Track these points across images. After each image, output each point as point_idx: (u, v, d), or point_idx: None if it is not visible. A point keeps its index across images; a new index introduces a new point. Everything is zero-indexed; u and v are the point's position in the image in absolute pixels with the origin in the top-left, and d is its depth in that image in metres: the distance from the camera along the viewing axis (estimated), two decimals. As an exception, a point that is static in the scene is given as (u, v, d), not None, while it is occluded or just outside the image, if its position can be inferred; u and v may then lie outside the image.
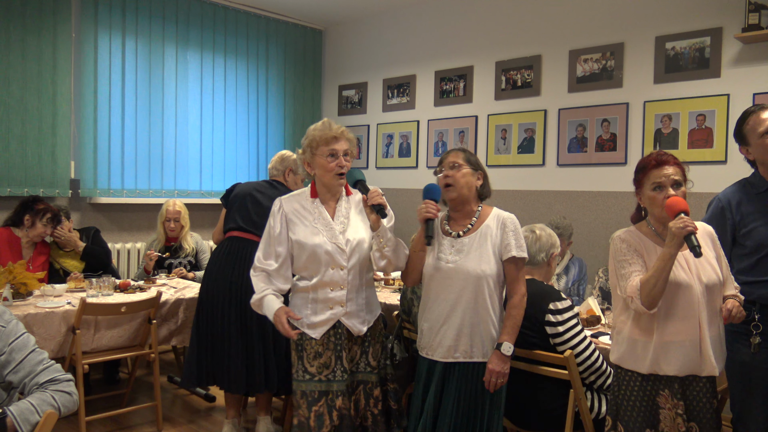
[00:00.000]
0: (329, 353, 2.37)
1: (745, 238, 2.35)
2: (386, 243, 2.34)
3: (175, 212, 4.55)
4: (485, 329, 2.33)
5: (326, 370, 2.36)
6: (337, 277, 2.36)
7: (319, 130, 2.41)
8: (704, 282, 2.07)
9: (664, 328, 2.06)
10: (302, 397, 2.35)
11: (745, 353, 2.32)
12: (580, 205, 4.63)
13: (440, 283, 2.36)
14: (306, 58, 6.40)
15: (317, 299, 2.39)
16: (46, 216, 3.94)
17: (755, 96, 3.84)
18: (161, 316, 3.69)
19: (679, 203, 2.01)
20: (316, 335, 2.38)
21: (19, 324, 1.94)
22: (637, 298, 2.03)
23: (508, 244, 2.34)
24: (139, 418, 3.78)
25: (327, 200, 2.45)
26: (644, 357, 2.09)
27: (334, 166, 2.37)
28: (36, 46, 4.63)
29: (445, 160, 2.44)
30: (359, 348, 2.44)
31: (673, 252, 1.97)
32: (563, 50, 4.73)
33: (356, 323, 2.41)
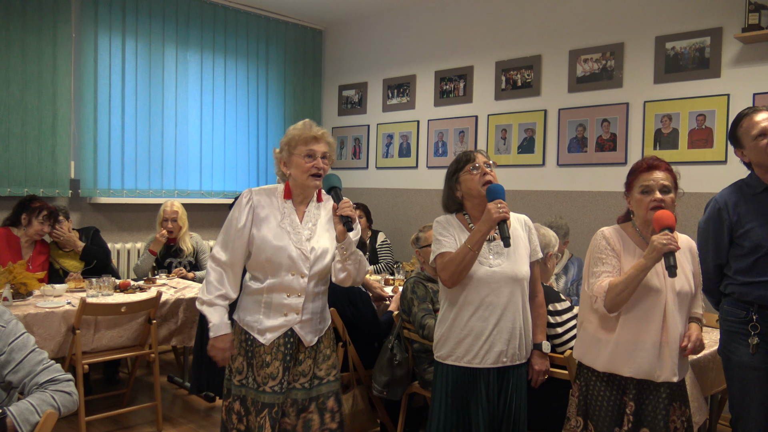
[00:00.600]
0: (277, 363, 2.24)
1: (743, 238, 2.35)
2: (349, 256, 2.22)
3: (173, 212, 4.53)
4: (528, 330, 2.33)
5: (272, 381, 2.23)
6: (296, 284, 2.25)
7: (299, 129, 2.31)
8: (676, 290, 2.08)
9: (628, 329, 2.08)
10: (252, 405, 2.24)
11: (744, 354, 2.32)
12: (580, 205, 4.63)
13: (486, 287, 2.25)
14: (306, 58, 6.40)
15: (271, 303, 2.26)
16: (42, 213, 3.93)
17: (755, 96, 3.84)
18: (161, 316, 3.69)
19: (667, 218, 2.02)
20: (266, 341, 2.25)
21: (18, 324, 1.94)
22: (601, 300, 2.06)
23: (536, 246, 2.39)
24: (139, 418, 3.78)
25: (298, 203, 2.34)
26: (602, 355, 2.12)
27: (311, 167, 2.26)
28: (36, 46, 4.63)
29: (476, 159, 2.30)
30: (311, 360, 2.31)
31: (649, 264, 1.99)
32: (563, 50, 4.73)
33: (309, 333, 2.30)
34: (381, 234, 5.28)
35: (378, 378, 3.18)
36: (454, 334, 2.30)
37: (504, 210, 2.12)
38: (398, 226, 5.77)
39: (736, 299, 2.38)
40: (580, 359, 2.21)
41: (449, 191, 2.38)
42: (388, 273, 4.83)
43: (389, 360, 3.13)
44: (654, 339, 2.06)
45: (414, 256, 3.50)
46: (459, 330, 2.29)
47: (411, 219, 5.65)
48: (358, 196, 5.93)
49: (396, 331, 3.20)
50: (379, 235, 5.26)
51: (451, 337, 2.30)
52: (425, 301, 3.03)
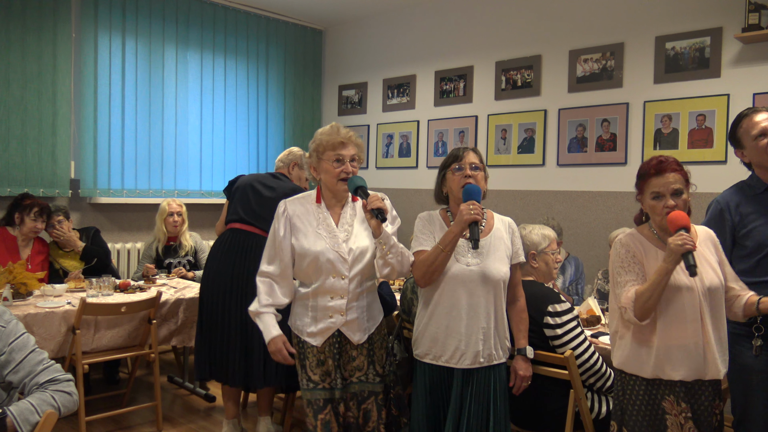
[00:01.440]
0: (330, 361, 2.34)
1: (745, 239, 2.35)
2: (389, 250, 2.23)
3: (178, 206, 4.58)
4: (503, 331, 2.34)
5: (329, 378, 2.34)
6: (338, 286, 2.31)
7: (326, 135, 2.37)
8: (706, 285, 2.07)
9: (668, 332, 2.05)
10: (308, 406, 2.33)
11: (747, 356, 2.31)
12: (580, 205, 4.63)
13: (461, 286, 2.26)
14: (306, 58, 6.40)
15: (317, 307, 2.35)
16: (34, 210, 3.92)
17: (755, 96, 3.84)
18: (161, 316, 3.69)
19: (680, 218, 2.00)
20: (317, 343, 2.34)
21: (18, 324, 1.94)
22: (631, 310, 2.04)
23: (518, 249, 2.40)
24: (139, 418, 3.78)
25: (332, 206, 2.40)
26: (647, 361, 2.08)
27: (339, 171, 2.32)
28: (36, 46, 4.63)
29: (463, 159, 2.33)
30: (365, 358, 2.40)
31: (670, 268, 1.98)
32: (563, 50, 4.73)
33: (355, 332, 2.36)
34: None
35: (378, 378, 3.18)
36: (430, 332, 2.32)
37: (475, 211, 2.15)
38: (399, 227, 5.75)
39: None
40: (622, 368, 2.16)
41: (438, 185, 2.46)
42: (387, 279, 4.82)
43: (389, 360, 3.13)
44: (696, 339, 2.04)
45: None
46: (434, 328, 2.31)
47: (411, 219, 5.60)
48: (358, 196, 5.92)
49: (396, 331, 3.20)
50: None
51: (427, 336, 2.33)
52: (425, 301, 3.03)
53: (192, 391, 4.25)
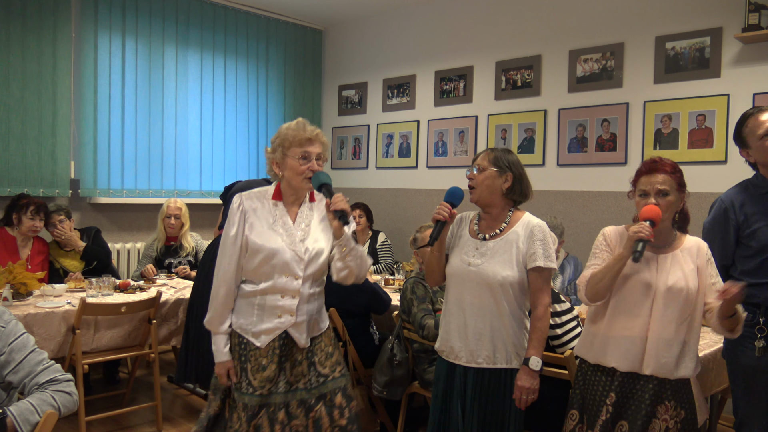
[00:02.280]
0: (273, 366, 2.21)
1: (749, 238, 2.34)
2: (349, 252, 2.18)
3: (176, 208, 4.56)
4: (508, 336, 2.25)
5: (269, 384, 2.20)
6: (290, 286, 2.21)
7: (293, 130, 2.24)
8: (668, 285, 2.07)
9: (614, 322, 2.13)
10: (243, 410, 2.19)
11: (750, 357, 2.30)
12: (580, 205, 4.63)
13: (462, 285, 2.29)
14: (306, 58, 6.40)
15: (264, 305, 2.22)
16: (30, 209, 3.91)
17: (755, 96, 3.84)
18: (161, 316, 3.69)
19: (650, 212, 2.05)
20: (261, 344, 2.21)
21: (18, 324, 1.94)
22: (583, 289, 2.14)
23: (534, 253, 2.24)
24: (139, 418, 3.78)
25: (290, 203, 2.30)
26: (593, 347, 2.17)
27: (306, 169, 2.21)
28: (36, 46, 4.63)
29: (474, 161, 2.35)
30: (307, 361, 2.28)
31: (624, 254, 2.06)
32: (563, 50, 4.73)
33: (303, 335, 2.25)
34: (381, 234, 5.29)
35: (378, 378, 3.18)
36: (443, 327, 2.39)
37: (437, 211, 2.22)
38: (398, 226, 5.77)
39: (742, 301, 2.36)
40: (576, 351, 2.27)
41: None
42: (388, 273, 4.83)
43: (389, 360, 3.13)
44: (640, 333, 2.08)
45: (414, 257, 3.50)
46: (444, 325, 2.38)
47: (411, 219, 5.65)
48: (358, 196, 5.92)
49: (396, 331, 3.20)
50: (380, 235, 5.26)
51: (441, 331, 2.40)
52: (425, 301, 3.03)
53: (192, 391, 4.25)
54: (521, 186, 2.33)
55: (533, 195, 2.41)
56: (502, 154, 2.32)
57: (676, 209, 2.14)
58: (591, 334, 2.20)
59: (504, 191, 2.29)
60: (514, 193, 2.32)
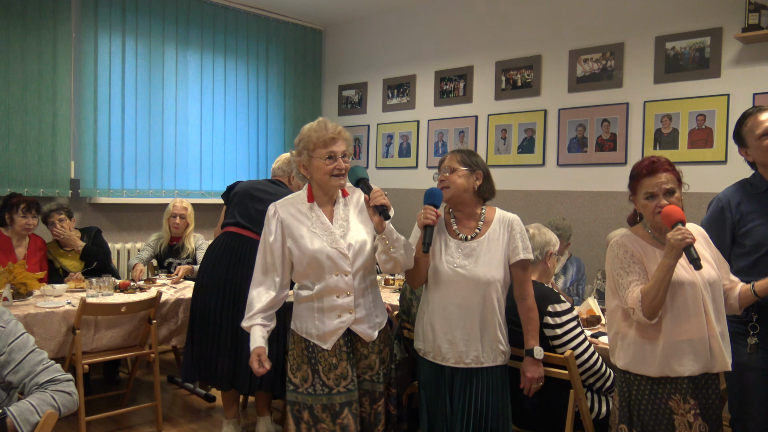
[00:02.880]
0: (344, 363, 2.26)
1: (745, 237, 2.35)
2: (393, 244, 2.21)
3: (182, 208, 4.55)
4: (494, 334, 2.31)
5: (344, 381, 2.25)
6: (342, 283, 2.24)
7: (315, 131, 2.25)
8: (706, 278, 2.07)
9: (673, 329, 2.04)
10: (324, 411, 2.23)
11: (743, 354, 2.32)
12: (580, 205, 4.63)
13: (449, 287, 2.30)
14: (306, 58, 6.40)
15: (323, 308, 2.27)
16: (21, 207, 3.91)
17: (755, 96, 3.84)
18: (161, 316, 3.69)
19: (676, 213, 2.00)
20: (327, 346, 2.26)
21: (18, 324, 1.94)
22: (639, 310, 2.02)
23: (516, 247, 2.32)
24: (139, 418, 3.78)
25: (324, 203, 2.32)
26: (653, 360, 2.06)
27: (332, 168, 2.23)
28: (36, 46, 4.63)
29: (442, 164, 2.42)
30: (376, 356, 2.33)
31: (672, 263, 1.98)
32: (563, 50, 4.73)
33: (366, 329, 2.30)
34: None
35: (378, 378, 3.18)
36: (420, 328, 2.41)
37: (425, 215, 2.23)
38: (398, 226, 5.72)
39: None
40: (627, 369, 2.14)
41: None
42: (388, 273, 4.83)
43: (389, 360, 3.13)
44: (701, 333, 2.03)
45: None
46: (427, 327, 2.37)
47: (411, 219, 5.60)
48: (358, 196, 5.92)
49: (396, 331, 3.20)
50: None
51: (419, 332, 2.42)
52: (425, 301, 3.03)
53: (192, 391, 4.25)
54: (489, 183, 2.42)
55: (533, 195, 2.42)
56: (468, 155, 2.41)
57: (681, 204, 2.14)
58: (642, 346, 2.08)
59: (476, 189, 2.37)
60: (484, 190, 2.39)
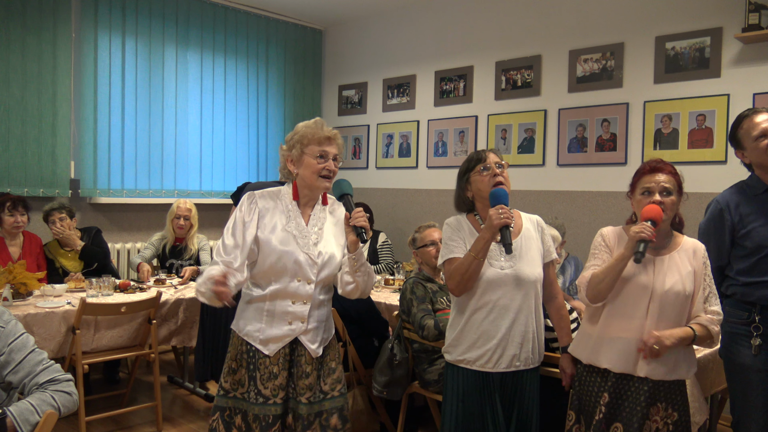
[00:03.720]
0: (284, 373, 2.15)
1: (744, 239, 2.36)
2: (359, 267, 2.13)
3: (186, 209, 4.53)
4: (541, 333, 2.28)
5: (282, 392, 2.14)
6: (302, 291, 2.14)
7: (311, 128, 2.19)
8: (665, 288, 2.07)
9: (609, 323, 2.13)
10: (255, 421, 2.13)
11: (746, 355, 2.32)
12: (580, 205, 4.63)
13: (497, 290, 2.20)
14: (306, 58, 6.40)
15: (274, 311, 2.14)
16: (6, 205, 3.88)
17: (755, 96, 3.84)
18: (161, 316, 3.69)
19: (652, 211, 2.04)
20: (269, 352, 2.14)
21: (18, 324, 1.94)
22: (583, 289, 2.14)
23: (549, 247, 2.33)
24: (139, 418, 3.78)
25: (303, 204, 2.24)
26: (587, 347, 2.18)
27: (322, 168, 2.16)
28: (36, 46, 4.63)
29: (486, 159, 2.25)
30: (316, 372, 2.20)
31: (626, 254, 2.05)
32: (563, 50, 4.73)
33: (315, 342, 2.19)
34: (382, 234, 5.29)
35: (378, 378, 3.18)
36: (466, 337, 2.25)
37: (505, 215, 2.08)
38: (398, 226, 5.77)
39: (737, 300, 2.38)
40: (572, 352, 2.27)
41: (460, 191, 2.35)
42: (388, 273, 4.83)
43: (389, 360, 3.13)
44: (635, 334, 2.07)
45: (413, 257, 3.50)
46: (471, 333, 2.24)
47: (411, 219, 5.65)
48: (359, 196, 5.92)
49: (396, 331, 3.20)
50: (380, 235, 5.26)
51: (463, 341, 2.26)
52: (424, 301, 3.03)
53: (192, 391, 4.25)
54: None
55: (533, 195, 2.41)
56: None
57: (676, 211, 2.15)
58: (586, 334, 2.21)
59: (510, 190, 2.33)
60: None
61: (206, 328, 3.31)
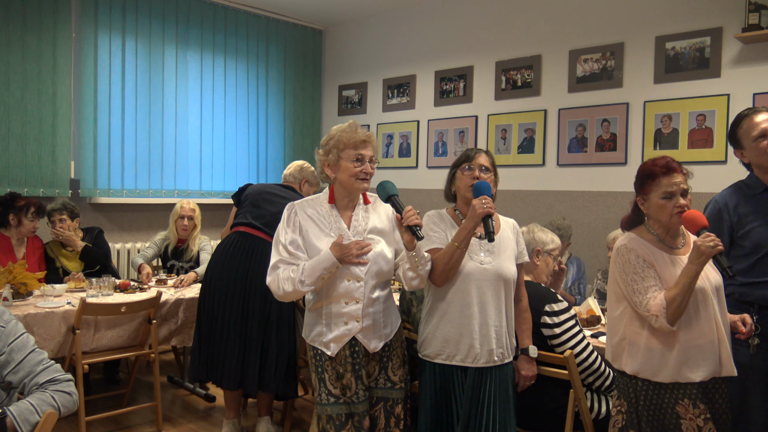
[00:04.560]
0: (349, 374, 2.23)
1: (743, 239, 2.36)
2: (420, 261, 2.18)
3: (190, 210, 4.50)
4: (512, 329, 2.36)
5: (349, 392, 2.22)
6: (353, 290, 2.21)
7: (347, 132, 2.25)
8: (714, 285, 2.08)
9: (686, 335, 2.03)
10: (329, 422, 2.22)
11: (744, 354, 2.32)
12: (580, 205, 4.63)
13: (478, 284, 2.25)
14: (306, 58, 6.40)
15: (331, 314, 2.23)
16: (31, 211, 3.90)
17: (755, 96, 3.84)
18: (161, 316, 3.69)
19: (700, 218, 2.00)
20: (332, 352, 2.23)
21: (18, 324, 1.94)
22: (663, 317, 1.99)
23: (522, 250, 2.41)
24: (139, 418, 3.78)
25: (343, 207, 2.30)
26: (665, 365, 2.04)
27: (359, 171, 2.22)
28: (36, 46, 4.63)
29: (474, 160, 2.34)
30: (377, 363, 2.30)
31: (699, 270, 1.96)
32: (563, 50, 4.73)
33: (372, 340, 2.25)
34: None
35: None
36: (442, 332, 2.29)
37: (488, 205, 2.16)
38: (398, 226, 5.76)
39: (736, 300, 2.38)
40: (637, 374, 2.11)
41: (448, 183, 2.46)
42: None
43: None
44: (712, 338, 2.04)
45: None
46: (447, 328, 2.28)
47: (411, 219, 5.64)
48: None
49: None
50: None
51: (438, 336, 2.29)
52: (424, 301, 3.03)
53: (192, 391, 4.25)
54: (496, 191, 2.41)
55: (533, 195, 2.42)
56: (493, 160, 2.41)
57: None
58: (651, 351, 2.07)
59: (493, 195, 2.34)
60: (494, 198, 2.36)
61: (203, 329, 3.30)
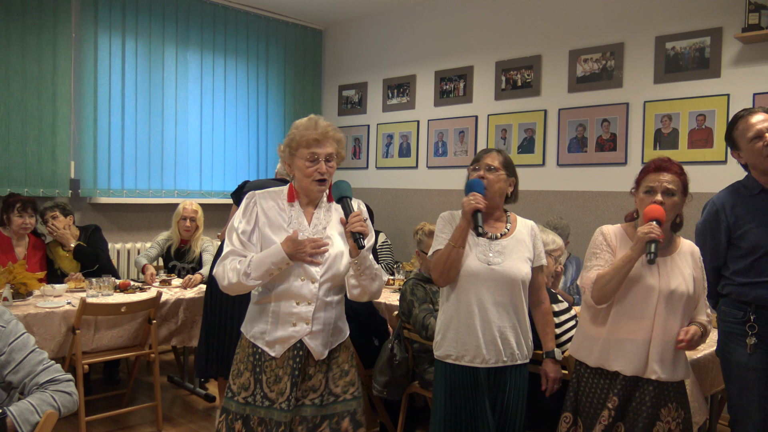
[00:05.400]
0: (286, 378, 2.06)
1: (740, 239, 2.36)
2: (363, 272, 2.07)
3: (192, 211, 4.48)
4: (525, 331, 2.31)
5: (281, 398, 2.06)
6: (306, 291, 2.07)
7: (302, 129, 2.10)
8: (671, 288, 2.08)
9: (618, 325, 2.12)
10: (260, 425, 2.07)
11: (741, 354, 2.32)
12: (580, 205, 4.63)
13: (484, 284, 2.24)
14: (306, 58, 6.40)
15: (279, 312, 2.08)
16: (17, 206, 3.90)
17: (755, 96, 3.84)
18: (161, 316, 3.69)
19: (655, 211, 2.04)
20: (275, 353, 2.07)
21: (18, 324, 1.94)
22: (589, 291, 2.11)
23: (540, 252, 2.37)
24: (139, 418, 3.78)
25: (305, 204, 2.17)
26: (594, 350, 2.15)
27: (313, 171, 2.07)
28: (36, 46, 4.63)
29: (482, 159, 2.31)
30: (323, 376, 2.13)
31: (634, 256, 2.04)
32: (563, 50, 4.73)
33: (319, 345, 2.10)
34: (382, 234, 5.28)
35: (378, 378, 3.18)
36: (454, 332, 2.28)
37: (476, 201, 2.16)
38: (398, 226, 5.77)
39: (733, 300, 2.38)
40: (573, 354, 2.25)
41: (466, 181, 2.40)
42: (388, 273, 4.83)
43: (389, 360, 3.13)
44: (644, 336, 2.08)
45: (414, 256, 3.50)
46: (460, 329, 2.27)
47: (411, 219, 5.65)
48: (358, 196, 5.88)
49: (396, 332, 3.20)
50: (380, 235, 5.26)
51: (449, 336, 2.29)
52: (425, 301, 3.03)
53: (192, 391, 4.25)
54: (516, 192, 2.39)
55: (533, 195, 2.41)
56: (508, 158, 2.36)
57: (678, 212, 2.15)
58: (590, 337, 2.19)
59: (508, 195, 2.35)
60: (511, 198, 2.37)
61: (209, 325, 3.31)
